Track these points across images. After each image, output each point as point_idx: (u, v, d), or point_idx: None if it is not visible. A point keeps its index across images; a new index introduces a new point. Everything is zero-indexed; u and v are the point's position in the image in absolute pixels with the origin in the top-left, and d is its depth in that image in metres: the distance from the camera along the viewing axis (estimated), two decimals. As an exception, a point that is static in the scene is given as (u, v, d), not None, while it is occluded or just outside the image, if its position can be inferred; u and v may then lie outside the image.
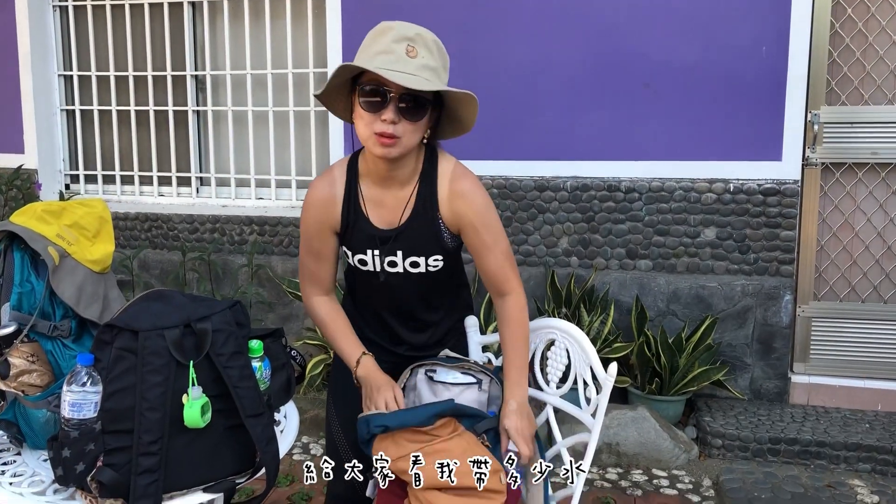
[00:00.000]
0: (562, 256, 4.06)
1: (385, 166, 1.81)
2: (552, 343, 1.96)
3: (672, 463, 3.50)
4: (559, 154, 4.01)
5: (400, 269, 1.90)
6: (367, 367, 1.90)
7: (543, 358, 1.97)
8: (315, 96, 1.81)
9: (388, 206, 1.87)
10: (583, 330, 3.68)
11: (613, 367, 1.71)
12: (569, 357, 1.90)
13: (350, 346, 1.95)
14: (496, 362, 2.06)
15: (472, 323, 2.08)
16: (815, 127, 3.71)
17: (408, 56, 1.66)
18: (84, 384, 1.56)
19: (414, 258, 1.88)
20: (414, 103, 1.69)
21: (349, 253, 1.93)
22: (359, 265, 1.92)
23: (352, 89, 1.77)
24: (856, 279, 3.82)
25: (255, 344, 1.73)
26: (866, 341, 3.81)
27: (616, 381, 3.70)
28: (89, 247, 1.84)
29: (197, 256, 4.38)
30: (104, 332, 1.59)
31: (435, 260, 1.89)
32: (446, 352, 1.96)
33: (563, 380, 1.93)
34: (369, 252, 1.89)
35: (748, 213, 3.80)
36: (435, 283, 1.96)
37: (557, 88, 3.96)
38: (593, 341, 3.70)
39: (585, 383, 1.82)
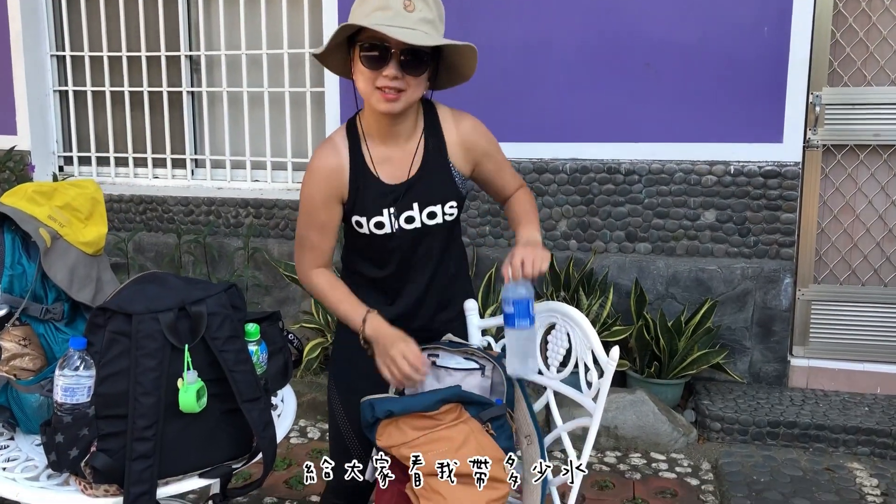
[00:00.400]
0: (560, 239, 4.03)
1: (388, 122, 1.81)
2: (552, 327, 1.93)
3: (671, 446, 3.49)
4: (558, 136, 3.97)
5: (417, 223, 1.87)
6: (374, 324, 1.83)
7: (544, 342, 1.94)
8: (313, 55, 1.80)
9: (396, 161, 1.85)
10: (582, 312, 3.68)
11: (615, 351, 1.69)
12: (569, 341, 1.87)
13: (353, 307, 1.88)
14: (496, 347, 2.03)
15: (471, 307, 2.05)
16: (817, 108, 3.67)
17: (406, 10, 1.65)
18: (77, 368, 1.53)
19: (431, 207, 1.86)
20: (415, 58, 1.69)
21: (363, 219, 1.86)
22: (374, 229, 1.86)
23: (350, 46, 1.76)
24: (856, 262, 3.80)
25: (252, 327, 1.70)
26: (866, 324, 3.79)
27: (615, 365, 3.70)
28: (81, 228, 1.81)
29: (192, 239, 4.35)
30: (97, 316, 1.56)
31: (451, 206, 1.89)
32: (449, 336, 1.93)
33: (564, 364, 1.90)
34: (385, 212, 1.85)
35: (748, 196, 3.77)
36: (448, 238, 1.95)
37: (556, 69, 3.91)
38: (592, 324, 3.67)
39: (587, 367, 1.79)
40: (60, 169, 4.89)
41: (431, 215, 1.88)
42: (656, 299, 3.91)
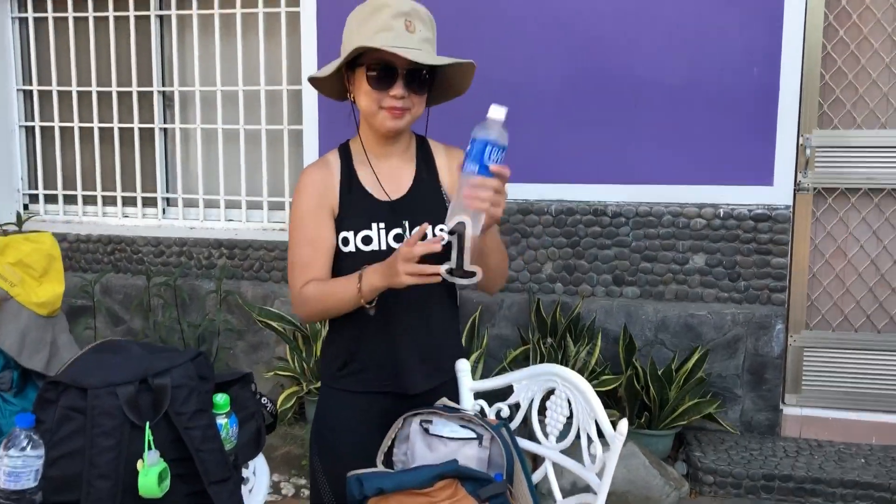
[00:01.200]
0: (546, 283, 3.90)
1: (384, 142, 1.81)
2: (552, 392, 1.79)
3: (662, 501, 3.34)
4: (543, 176, 3.86)
5: None
6: (369, 279, 1.66)
7: (542, 408, 1.80)
8: (310, 78, 1.78)
9: (388, 179, 1.82)
10: (569, 361, 3.55)
11: (623, 424, 1.55)
12: (570, 408, 1.72)
13: (345, 282, 1.72)
14: (489, 412, 1.88)
15: (462, 367, 1.90)
16: (808, 151, 3.60)
17: (407, 31, 1.67)
18: (24, 449, 1.36)
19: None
20: (419, 76, 1.71)
21: (350, 234, 1.76)
22: (361, 245, 1.76)
23: (348, 69, 1.76)
24: (849, 308, 3.70)
25: (221, 399, 1.54)
26: (860, 372, 3.69)
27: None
28: (35, 288, 1.64)
29: (163, 282, 4.17)
30: (48, 390, 1.39)
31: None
32: (444, 400, 1.78)
33: (565, 433, 1.76)
34: (374, 226, 1.77)
35: (738, 240, 3.68)
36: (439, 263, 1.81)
37: (540, 107, 3.82)
38: (580, 373, 3.53)
39: (590, 439, 1.65)
40: (25, 207, 4.70)
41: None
42: (645, 345, 3.78)
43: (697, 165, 3.69)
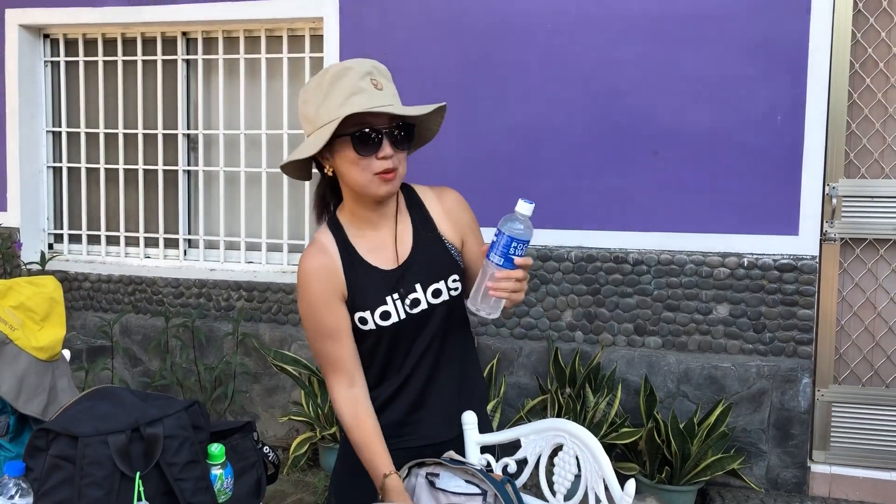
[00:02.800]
0: (566, 330, 3.83)
1: (373, 208, 1.75)
2: (560, 448, 1.72)
3: (684, 561, 3.22)
4: (563, 222, 3.82)
5: (424, 304, 1.74)
6: (387, 489, 1.66)
7: (549, 465, 1.73)
8: (282, 166, 1.73)
9: (387, 246, 1.76)
10: (588, 412, 3.46)
11: (631, 485, 1.48)
12: (578, 466, 1.66)
13: (374, 458, 1.70)
14: (496, 467, 1.82)
15: (469, 420, 1.84)
16: (834, 200, 3.52)
17: (376, 90, 1.63)
18: (12, 497, 1.34)
19: (434, 285, 1.75)
20: (403, 132, 1.67)
21: (367, 314, 1.72)
22: (380, 321, 1.72)
23: (327, 144, 1.65)
24: (879, 362, 3.59)
25: (216, 449, 1.50)
26: (892, 429, 3.55)
27: (623, 469, 3.45)
28: (36, 332, 1.62)
29: (181, 323, 4.16)
30: (38, 438, 1.37)
31: (454, 280, 1.78)
32: (451, 453, 1.72)
33: (573, 490, 1.69)
34: (388, 299, 1.72)
35: (763, 290, 3.59)
36: (457, 316, 1.83)
37: (561, 153, 3.79)
38: (599, 424, 3.46)
39: (598, 498, 1.58)
40: (50, 246, 4.75)
41: (436, 293, 1.76)
42: (667, 397, 3.68)
43: (720, 214, 3.62)
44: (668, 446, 3.40)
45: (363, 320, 1.73)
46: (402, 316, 1.73)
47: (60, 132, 4.69)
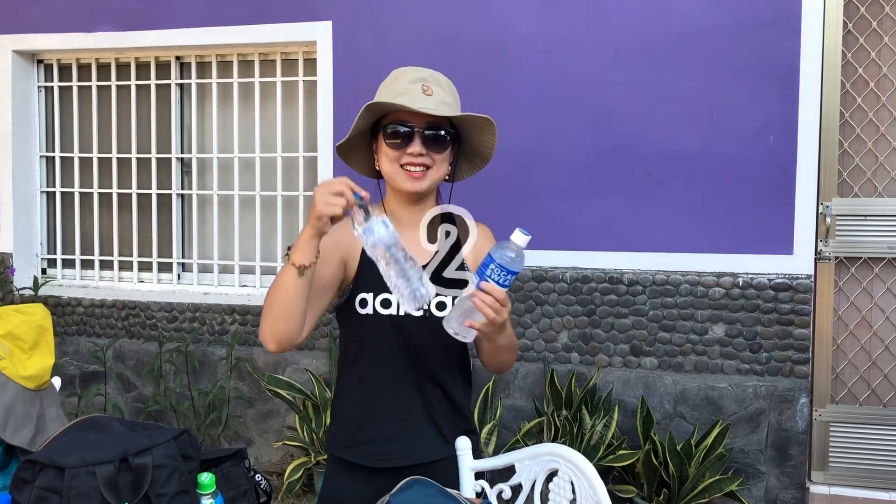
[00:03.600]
0: (561, 352, 3.82)
1: (408, 207, 1.82)
2: (554, 474, 1.70)
3: (683, 585, 3.19)
4: (558, 243, 3.81)
5: (427, 312, 1.77)
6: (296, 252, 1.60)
7: (545, 490, 1.71)
8: (337, 147, 1.81)
9: (411, 244, 1.74)
10: (585, 434, 3.44)
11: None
12: (574, 492, 1.64)
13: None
14: (490, 494, 1.80)
15: (463, 445, 1.83)
16: (828, 219, 3.53)
17: (424, 94, 1.73)
18: (-2, 531, 1.31)
19: (440, 298, 1.77)
20: (437, 136, 1.75)
21: (370, 296, 1.75)
22: (380, 308, 1.75)
23: (371, 138, 1.81)
24: (876, 381, 3.57)
25: (206, 478, 1.48)
26: (890, 449, 3.54)
27: (621, 492, 3.43)
28: (24, 360, 1.60)
29: (174, 348, 4.13)
30: (24, 469, 1.35)
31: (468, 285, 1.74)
32: (429, 481, 1.70)
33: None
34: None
35: (759, 310, 3.58)
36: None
37: (556, 175, 3.79)
38: (596, 447, 3.43)
39: (593, 525, 1.56)
40: (43, 272, 4.73)
41: (441, 306, 1.77)
42: (664, 418, 3.66)
43: (715, 234, 3.62)
44: (666, 468, 3.38)
45: (363, 302, 1.76)
46: (402, 312, 1.75)
47: (54, 157, 4.68)
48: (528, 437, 3.61)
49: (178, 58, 4.44)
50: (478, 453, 1.87)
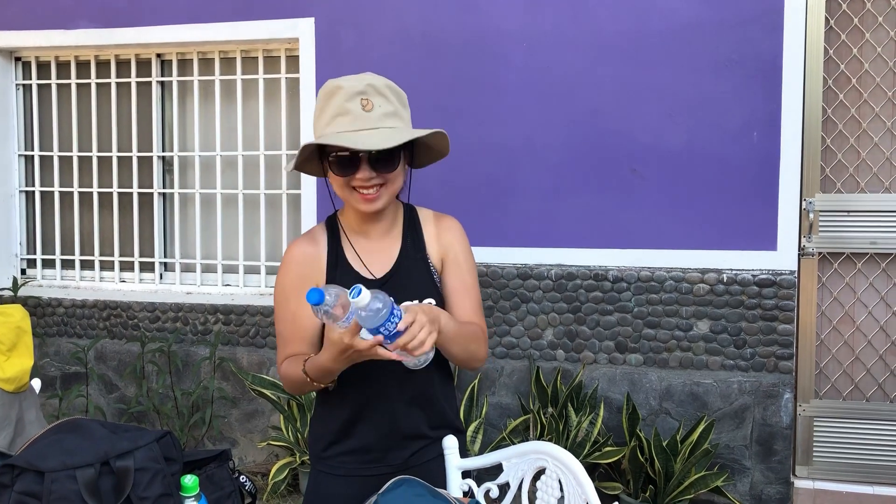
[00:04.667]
0: (547, 349, 3.81)
1: (368, 218, 1.76)
2: (542, 471, 1.69)
3: (670, 581, 3.19)
4: (543, 241, 3.81)
5: None
6: (315, 358, 1.62)
7: (532, 488, 1.70)
8: (287, 171, 1.76)
9: (374, 255, 1.78)
10: (571, 431, 3.43)
11: (615, 509, 1.45)
12: (561, 489, 1.63)
13: (296, 362, 1.67)
14: (478, 492, 1.78)
15: (450, 444, 1.81)
16: (811, 215, 3.54)
17: (364, 111, 1.61)
18: (-25, 537, 1.28)
19: (408, 304, 1.67)
20: (385, 155, 1.64)
21: None
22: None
23: (320, 154, 1.73)
24: (859, 376, 3.59)
25: (189, 481, 1.45)
26: (873, 443, 3.56)
27: (607, 489, 3.43)
28: (2, 363, 1.57)
29: (157, 348, 4.09)
30: (3, 474, 1.32)
31: (429, 304, 1.74)
32: (417, 481, 1.68)
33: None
34: None
35: (743, 306, 3.59)
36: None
37: (540, 172, 3.79)
38: (582, 444, 3.43)
39: (581, 523, 1.55)
40: (23, 272, 4.67)
41: None
42: (649, 415, 3.67)
43: (699, 230, 3.63)
44: (652, 464, 3.38)
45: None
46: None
47: (33, 156, 4.62)
48: (514, 435, 3.60)
49: (159, 55, 4.39)
50: (464, 452, 1.86)
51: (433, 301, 1.77)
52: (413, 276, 1.77)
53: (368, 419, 1.76)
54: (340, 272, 1.75)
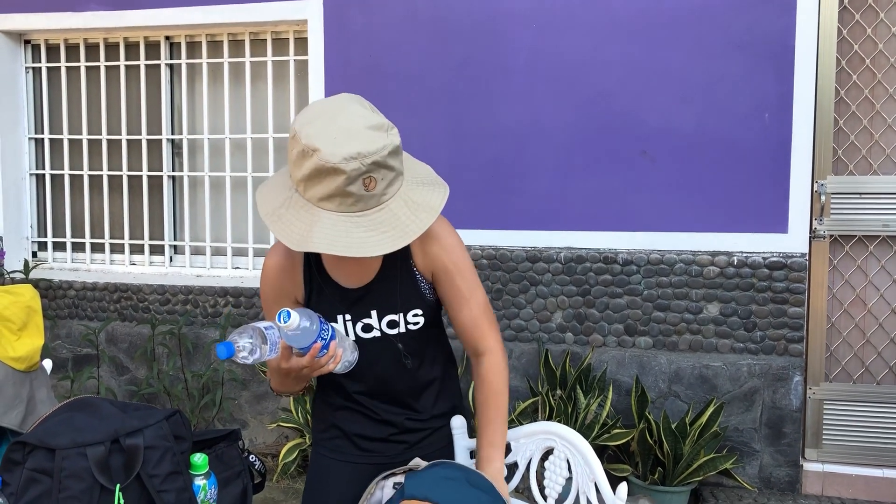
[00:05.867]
0: (556, 332, 3.81)
1: None
2: (550, 451, 1.69)
3: (678, 562, 3.20)
4: (552, 223, 3.79)
5: (377, 332, 1.68)
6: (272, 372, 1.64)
7: (541, 468, 1.71)
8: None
9: (354, 265, 1.66)
10: (580, 413, 3.44)
11: (623, 488, 1.45)
12: (570, 469, 1.63)
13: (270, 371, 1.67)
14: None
15: (458, 424, 1.82)
16: (822, 197, 3.52)
17: (367, 191, 1.43)
18: (-12, 512, 1.29)
19: (391, 316, 1.67)
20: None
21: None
22: None
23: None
24: (870, 359, 3.58)
25: (199, 459, 1.47)
26: (883, 426, 3.55)
27: (616, 471, 3.43)
28: (13, 341, 1.58)
29: (167, 330, 4.11)
30: (14, 451, 1.33)
31: (414, 315, 1.69)
32: (417, 461, 1.68)
33: (565, 494, 1.66)
34: (340, 318, 1.67)
35: (753, 289, 3.58)
36: (418, 344, 1.73)
37: (550, 154, 3.77)
38: (591, 426, 3.43)
39: (589, 502, 1.55)
40: (34, 254, 4.69)
41: (392, 324, 1.69)
42: (658, 397, 3.67)
43: (709, 213, 3.61)
44: (661, 447, 3.38)
45: None
46: (352, 337, 1.68)
47: (43, 139, 4.63)
48: (522, 417, 3.60)
49: (167, 38, 4.38)
50: (472, 434, 1.86)
51: (419, 311, 1.69)
52: (396, 287, 1.68)
53: (358, 417, 1.77)
54: (319, 284, 1.68)
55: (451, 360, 1.87)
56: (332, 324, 1.63)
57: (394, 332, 1.69)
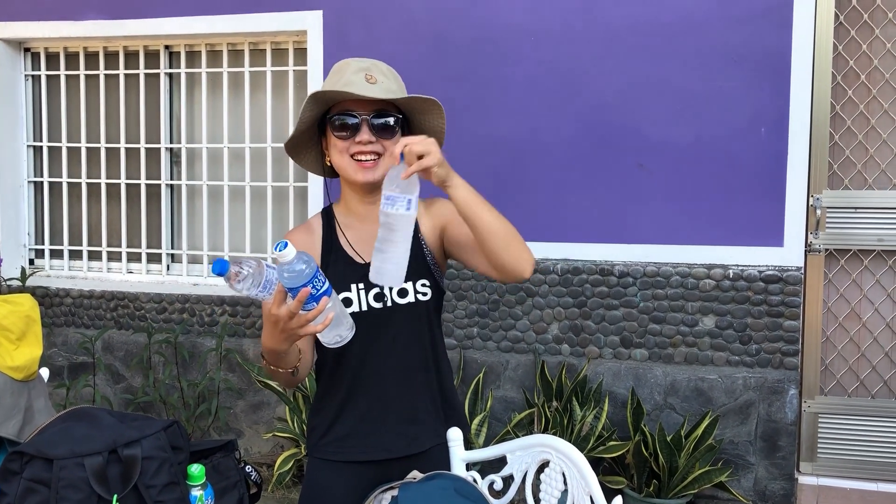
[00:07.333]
0: (552, 343, 3.82)
1: (363, 201, 1.80)
2: (546, 464, 1.70)
3: (673, 575, 3.20)
4: (549, 235, 3.81)
5: (388, 300, 1.75)
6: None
7: (537, 481, 1.71)
8: (286, 145, 1.79)
9: (368, 240, 1.74)
10: (576, 425, 3.44)
11: (618, 501, 1.46)
12: (565, 482, 1.64)
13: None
14: (482, 484, 1.79)
15: (454, 436, 1.82)
16: (818, 211, 3.54)
17: (368, 82, 1.68)
18: (-15, 522, 1.29)
19: (402, 285, 1.74)
20: (385, 122, 1.72)
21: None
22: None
23: (321, 135, 1.80)
24: (864, 373, 3.59)
25: (196, 470, 1.47)
26: (878, 440, 3.56)
27: (611, 483, 3.44)
28: (11, 351, 1.59)
29: (164, 339, 4.11)
30: (12, 460, 1.33)
31: (423, 285, 1.77)
32: (415, 473, 1.69)
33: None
34: (353, 287, 1.75)
35: (749, 302, 3.59)
36: (423, 325, 1.79)
37: (547, 167, 3.79)
38: (586, 438, 3.44)
39: (585, 516, 1.56)
40: (31, 262, 4.69)
41: (402, 293, 1.76)
42: (654, 409, 3.67)
43: (705, 226, 3.63)
44: (656, 459, 3.39)
45: None
46: (364, 307, 1.74)
47: (41, 146, 4.64)
48: (518, 429, 3.61)
49: (167, 47, 4.40)
50: (468, 445, 1.86)
51: (427, 282, 1.77)
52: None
53: (363, 404, 1.77)
54: (334, 258, 1.79)
55: (448, 363, 1.90)
56: (347, 293, 1.71)
57: (404, 301, 1.75)
